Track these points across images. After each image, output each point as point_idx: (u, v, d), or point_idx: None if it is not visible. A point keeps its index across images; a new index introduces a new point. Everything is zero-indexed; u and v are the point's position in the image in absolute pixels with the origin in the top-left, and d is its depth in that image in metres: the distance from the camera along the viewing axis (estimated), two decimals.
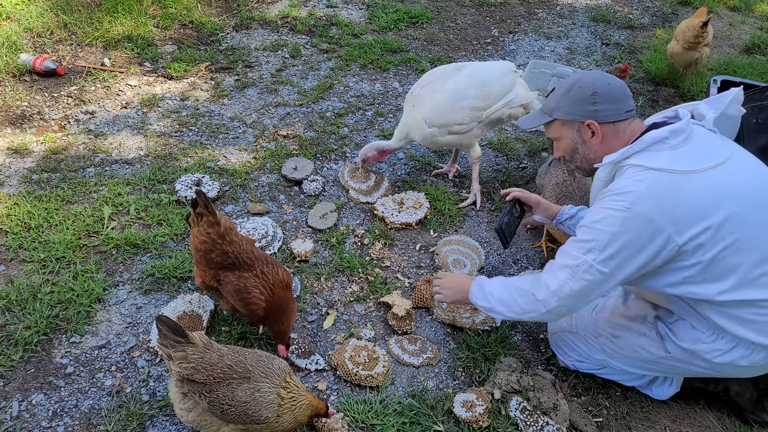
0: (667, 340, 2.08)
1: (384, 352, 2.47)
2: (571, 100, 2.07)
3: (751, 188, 1.86)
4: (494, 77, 3.08)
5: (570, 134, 2.13)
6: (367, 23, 5.10)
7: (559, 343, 2.45)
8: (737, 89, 2.27)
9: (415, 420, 2.24)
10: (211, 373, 1.87)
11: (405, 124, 3.20)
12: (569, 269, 1.92)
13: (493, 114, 3.09)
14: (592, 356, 2.33)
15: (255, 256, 2.27)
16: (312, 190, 3.29)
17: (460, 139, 3.15)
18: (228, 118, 3.84)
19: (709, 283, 1.85)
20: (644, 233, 1.81)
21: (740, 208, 1.80)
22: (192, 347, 1.88)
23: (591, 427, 2.25)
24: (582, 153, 2.13)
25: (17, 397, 2.23)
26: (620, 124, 2.03)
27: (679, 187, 1.80)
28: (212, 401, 1.87)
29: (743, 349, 1.94)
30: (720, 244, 1.79)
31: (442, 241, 3.04)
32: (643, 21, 5.58)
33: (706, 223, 1.78)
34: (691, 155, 1.85)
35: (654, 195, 1.80)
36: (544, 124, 2.22)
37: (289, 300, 2.31)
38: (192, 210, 2.22)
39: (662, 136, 1.87)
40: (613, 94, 2.02)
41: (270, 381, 1.92)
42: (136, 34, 4.50)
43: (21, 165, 3.30)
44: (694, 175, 1.81)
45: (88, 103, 3.84)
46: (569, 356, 2.41)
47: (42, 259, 2.73)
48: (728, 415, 2.40)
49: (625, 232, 1.82)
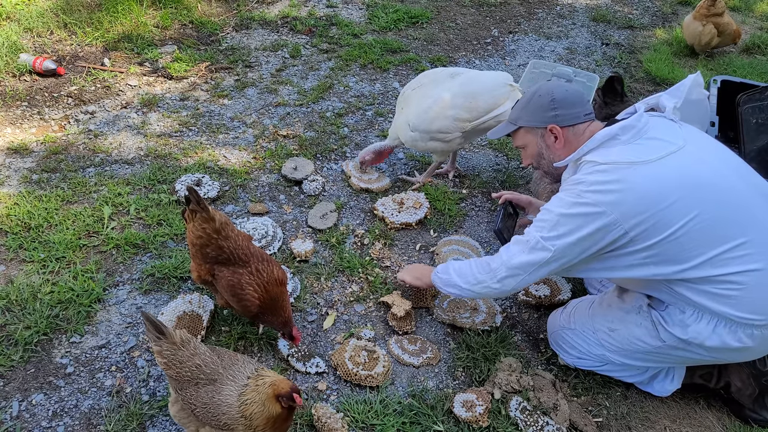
0: (660, 327, 2.12)
1: (384, 352, 2.47)
2: (533, 108, 2.26)
3: (701, 174, 1.95)
4: (486, 89, 2.98)
5: (534, 140, 2.31)
6: (367, 23, 5.10)
7: (559, 342, 2.46)
8: (694, 75, 2.43)
9: (415, 420, 2.24)
10: (180, 370, 1.89)
11: (394, 124, 3.20)
12: (521, 244, 2.10)
13: (480, 125, 3.02)
14: (592, 352, 2.34)
15: (250, 253, 2.26)
16: (312, 190, 3.29)
17: (443, 147, 3.12)
18: (228, 118, 3.84)
19: (667, 264, 1.95)
20: (589, 216, 1.94)
21: (689, 194, 1.90)
22: (167, 343, 1.91)
23: (591, 427, 2.25)
24: (547, 158, 2.30)
25: (17, 397, 2.23)
26: (579, 126, 2.20)
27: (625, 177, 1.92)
28: (184, 399, 1.89)
29: (725, 327, 1.99)
30: (669, 228, 1.90)
31: (442, 241, 3.04)
32: (643, 21, 5.58)
33: (651, 210, 1.89)
34: (641, 148, 1.97)
35: (600, 184, 1.95)
36: (510, 134, 2.41)
37: (283, 295, 2.31)
38: (186, 206, 2.23)
39: (613, 133, 2.01)
40: (569, 99, 2.21)
41: (235, 383, 1.87)
42: (136, 34, 4.50)
43: (21, 165, 3.30)
44: (642, 166, 1.93)
45: (88, 103, 3.84)
46: (569, 354, 2.42)
47: (42, 259, 2.73)
48: (728, 414, 2.40)
49: (572, 215, 1.97)
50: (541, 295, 2.73)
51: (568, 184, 2.06)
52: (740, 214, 1.93)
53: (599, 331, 2.30)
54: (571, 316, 2.42)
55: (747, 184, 2.01)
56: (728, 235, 1.91)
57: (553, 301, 2.71)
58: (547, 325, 2.56)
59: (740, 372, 2.32)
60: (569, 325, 2.40)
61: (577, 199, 1.97)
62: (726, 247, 1.90)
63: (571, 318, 2.41)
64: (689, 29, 4.86)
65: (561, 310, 2.52)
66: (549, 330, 2.54)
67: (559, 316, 2.49)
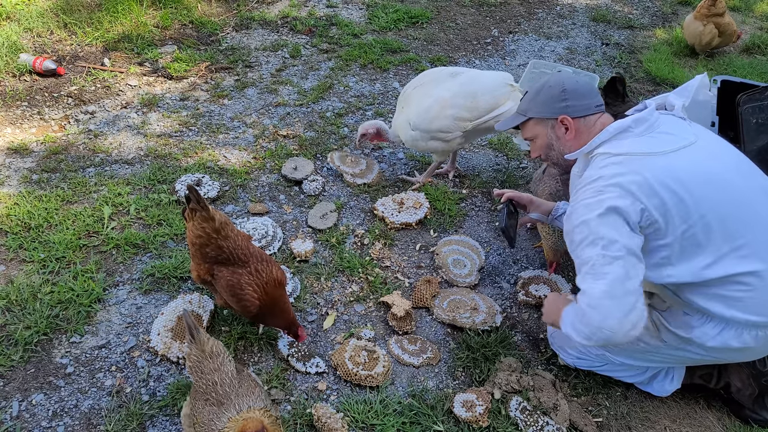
0: (662, 328, 2.11)
1: (384, 352, 2.47)
2: (543, 98, 2.22)
3: (713, 170, 1.93)
4: (486, 89, 2.98)
5: (544, 132, 2.26)
6: (367, 23, 5.10)
7: (559, 342, 2.46)
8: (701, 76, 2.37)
9: (415, 420, 2.24)
10: (199, 379, 1.89)
11: (394, 123, 3.20)
12: (588, 275, 1.87)
13: (481, 125, 3.02)
14: (592, 352, 2.33)
15: (250, 253, 2.26)
16: (312, 190, 3.29)
17: (443, 146, 3.12)
18: (228, 118, 3.84)
19: (682, 263, 1.91)
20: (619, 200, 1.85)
21: (702, 188, 1.88)
22: (196, 349, 1.92)
23: (591, 427, 2.25)
24: (557, 149, 2.26)
25: (17, 397, 2.23)
26: (590, 118, 2.16)
27: (642, 167, 1.89)
28: (192, 407, 1.88)
29: (732, 329, 1.98)
30: (686, 221, 1.87)
31: (442, 241, 3.04)
32: (643, 21, 5.58)
33: (671, 201, 1.85)
34: (654, 141, 1.96)
35: (619, 175, 1.90)
36: (519, 125, 2.36)
37: (283, 297, 2.31)
38: (186, 205, 2.23)
39: (626, 125, 1.99)
40: (580, 90, 2.17)
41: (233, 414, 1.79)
42: (136, 34, 4.50)
43: (21, 165, 3.30)
44: (657, 157, 1.91)
45: (88, 103, 3.84)
46: (569, 354, 2.41)
47: (42, 259, 2.73)
48: (728, 414, 2.40)
49: (606, 211, 1.87)
50: (541, 295, 2.73)
51: (585, 182, 1.99)
52: (746, 212, 1.92)
53: None
54: None
55: (752, 182, 2.00)
56: (737, 232, 1.89)
57: None
58: (547, 326, 2.55)
59: (740, 372, 2.32)
60: None
61: (600, 196, 1.89)
62: (735, 245, 1.89)
63: None
64: (690, 29, 4.86)
65: None
66: (549, 330, 2.53)
67: None
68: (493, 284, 2.89)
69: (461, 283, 2.83)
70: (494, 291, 2.86)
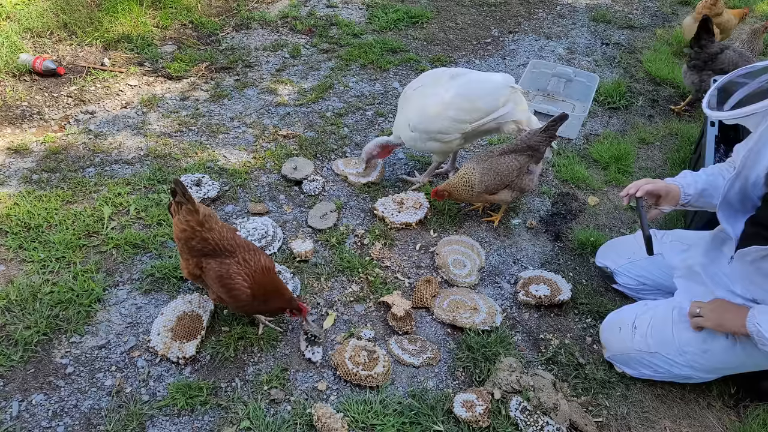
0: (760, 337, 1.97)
1: (384, 352, 2.47)
2: None
3: None
4: (487, 92, 2.97)
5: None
6: (367, 23, 5.10)
7: (628, 362, 2.40)
8: None
9: (415, 420, 2.24)
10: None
11: (396, 124, 3.20)
12: None
13: (480, 127, 3.02)
14: (674, 372, 2.29)
15: (236, 243, 2.28)
16: (312, 190, 3.29)
17: (442, 147, 3.12)
18: (228, 118, 3.84)
19: None
20: None
21: None
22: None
23: (591, 427, 2.25)
24: None
25: (17, 397, 2.23)
26: None
27: None
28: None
29: None
30: None
31: (442, 241, 3.04)
32: (643, 21, 5.58)
33: None
34: None
35: None
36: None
37: (274, 281, 2.32)
38: (171, 199, 2.24)
39: None
40: None
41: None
42: (135, 34, 4.49)
43: (21, 165, 3.30)
44: None
45: (88, 103, 3.84)
46: (640, 372, 2.39)
47: (42, 259, 2.73)
48: (728, 414, 2.40)
49: None
50: (541, 295, 2.73)
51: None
52: None
53: (689, 353, 2.23)
54: (648, 338, 2.31)
55: None
56: None
57: (553, 301, 2.71)
58: (608, 345, 2.47)
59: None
60: (648, 349, 2.31)
61: None
62: None
63: (649, 341, 2.31)
64: (689, 29, 4.85)
65: (629, 330, 2.37)
66: (615, 351, 2.43)
67: (630, 338, 2.35)
68: (493, 284, 2.89)
69: (461, 283, 2.83)
70: (494, 291, 2.85)
